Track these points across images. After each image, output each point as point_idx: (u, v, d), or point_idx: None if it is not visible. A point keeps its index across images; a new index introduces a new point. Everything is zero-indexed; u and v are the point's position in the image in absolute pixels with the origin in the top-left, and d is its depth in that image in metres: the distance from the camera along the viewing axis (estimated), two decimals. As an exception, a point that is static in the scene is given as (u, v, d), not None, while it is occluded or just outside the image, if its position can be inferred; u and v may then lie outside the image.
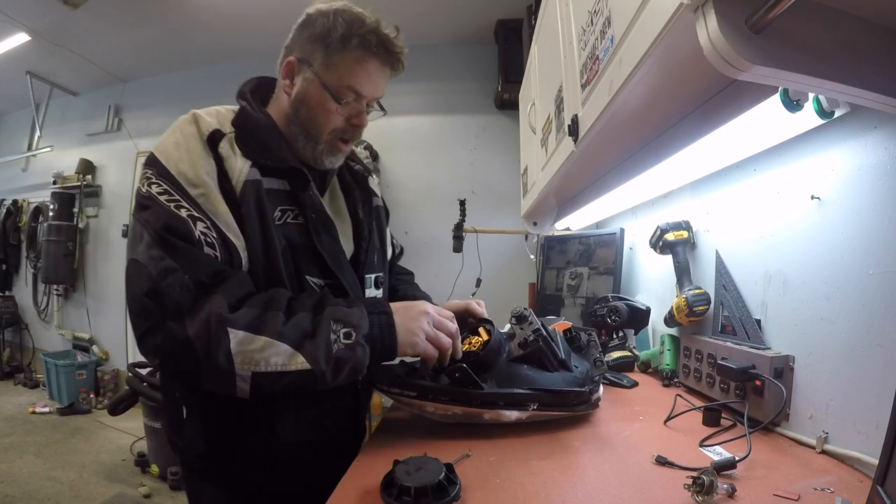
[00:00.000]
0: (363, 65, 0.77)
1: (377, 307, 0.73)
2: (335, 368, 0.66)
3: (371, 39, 0.75)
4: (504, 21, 2.98)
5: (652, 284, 1.48)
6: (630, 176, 1.03)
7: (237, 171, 0.72)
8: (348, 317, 0.68)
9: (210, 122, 0.74)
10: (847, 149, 0.70)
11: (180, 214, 0.66)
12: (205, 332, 0.62)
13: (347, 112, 0.79)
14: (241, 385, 0.63)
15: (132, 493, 2.32)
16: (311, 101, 0.77)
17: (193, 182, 0.69)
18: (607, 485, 0.60)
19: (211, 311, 0.62)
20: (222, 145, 0.72)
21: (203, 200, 0.68)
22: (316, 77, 0.76)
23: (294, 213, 0.77)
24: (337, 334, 0.66)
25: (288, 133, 0.80)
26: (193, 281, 0.64)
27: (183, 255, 0.64)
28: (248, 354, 0.62)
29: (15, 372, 4.31)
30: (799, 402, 0.77)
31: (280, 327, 0.64)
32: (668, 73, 0.62)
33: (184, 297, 0.63)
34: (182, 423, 0.78)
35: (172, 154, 0.70)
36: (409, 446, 0.70)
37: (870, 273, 0.65)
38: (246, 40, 3.36)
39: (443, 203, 2.99)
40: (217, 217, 0.69)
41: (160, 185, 0.68)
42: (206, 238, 0.67)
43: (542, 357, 0.83)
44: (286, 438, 0.77)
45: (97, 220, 4.18)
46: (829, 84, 0.46)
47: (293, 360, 0.64)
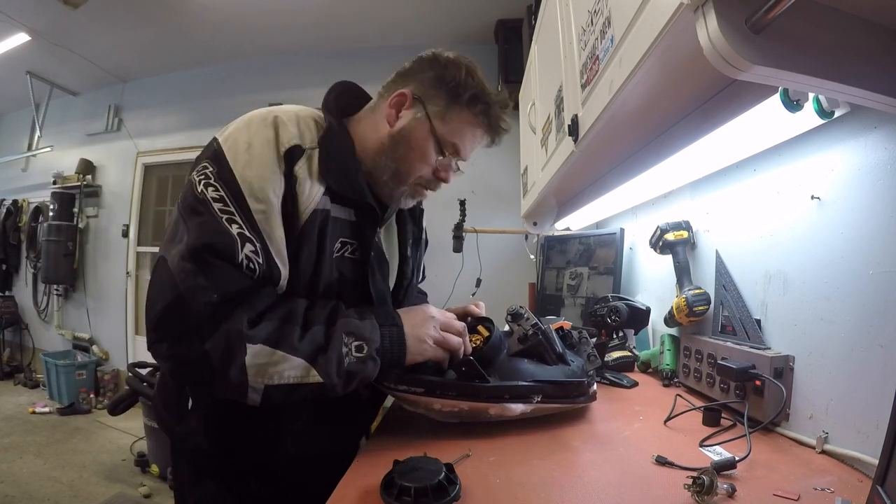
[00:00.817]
0: (475, 130, 0.78)
1: (388, 319, 0.72)
2: (346, 381, 0.66)
3: (494, 111, 0.77)
4: (504, 21, 2.98)
5: (652, 284, 1.48)
6: (630, 176, 1.03)
7: (309, 196, 0.68)
8: (360, 330, 0.68)
9: (291, 134, 0.69)
10: (847, 149, 0.70)
11: (230, 231, 0.62)
12: (221, 346, 0.61)
13: (440, 165, 0.78)
14: (253, 396, 0.63)
15: (132, 493, 2.32)
16: (414, 143, 0.75)
17: (257, 196, 0.64)
18: (607, 485, 0.60)
19: (230, 327, 0.61)
20: (300, 165, 0.68)
21: (262, 218, 0.64)
22: (428, 121, 0.75)
23: (353, 247, 0.75)
24: (349, 347, 0.66)
25: (375, 162, 0.77)
26: (221, 297, 0.62)
27: (218, 276, 0.62)
28: (263, 368, 0.62)
29: (15, 372, 4.31)
30: (799, 402, 0.77)
31: (296, 342, 0.64)
32: (668, 73, 0.62)
33: (206, 310, 0.61)
34: (185, 413, 0.77)
35: (241, 155, 0.65)
36: (409, 446, 0.70)
37: (870, 273, 0.65)
38: (246, 40, 3.37)
39: (443, 203, 2.98)
40: (271, 241, 0.65)
41: (218, 190, 0.63)
42: (251, 263, 0.64)
43: (541, 350, 0.84)
44: (290, 451, 0.77)
45: (97, 220, 4.19)
46: (829, 84, 0.46)
47: (307, 374, 0.64)
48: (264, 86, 3.48)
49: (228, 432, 0.75)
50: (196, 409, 0.76)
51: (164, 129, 3.94)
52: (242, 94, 3.50)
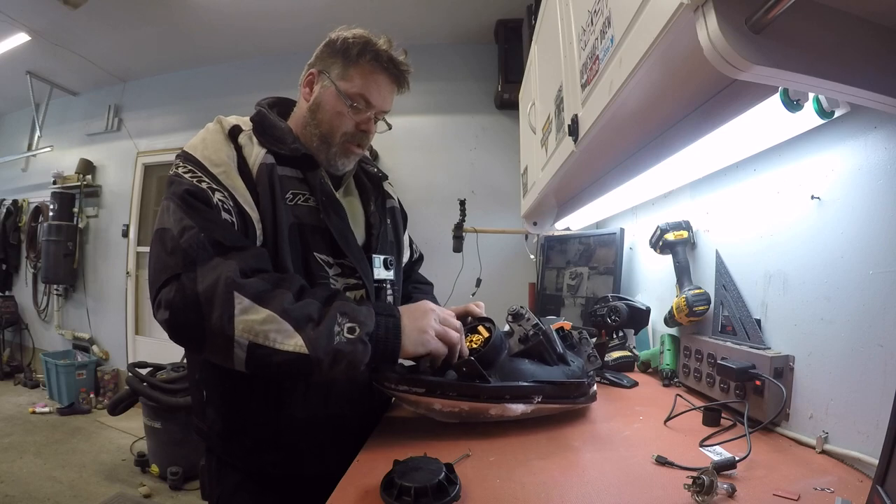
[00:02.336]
0: (374, 77, 0.87)
1: (386, 310, 0.75)
2: (333, 359, 0.67)
3: (382, 56, 0.86)
4: (504, 21, 2.98)
5: (652, 284, 1.48)
6: (630, 176, 1.03)
7: (254, 156, 0.81)
8: (355, 312, 0.70)
9: (230, 121, 0.84)
10: (847, 149, 0.70)
11: (200, 185, 0.73)
12: (212, 291, 0.64)
13: (357, 118, 0.87)
14: (238, 353, 0.65)
15: (132, 493, 2.32)
16: (327, 105, 0.87)
17: (215, 162, 0.77)
18: (607, 484, 0.60)
19: (221, 272, 0.66)
20: (241, 137, 0.82)
21: (223, 177, 0.76)
22: (332, 84, 0.86)
23: (305, 196, 0.84)
24: (341, 327, 0.68)
25: (305, 136, 0.89)
26: (210, 240, 0.68)
27: (201, 215, 0.70)
28: (249, 323, 0.64)
29: (15, 372, 4.31)
30: (799, 402, 0.77)
31: (286, 305, 0.66)
32: (668, 73, 0.62)
33: (199, 253, 0.67)
34: (204, 406, 0.85)
35: (198, 146, 0.80)
36: (409, 446, 0.70)
37: (870, 273, 0.65)
38: (246, 40, 3.37)
39: (443, 203, 2.99)
40: (235, 190, 0.76)
41: (185, 167, 0.77)
42: (224, 205, 0.73)
43: (542, 350, 0.84)
44: (297, 414, 0.81)
45: (97, 220, 4.19)
46: (829, 84, 0.46)
47: (291, 340, 0.65)
48: (264, 86, 3.42)
49: (238, 408, 0.82)
50: (210, 397, 0.84)
51: (164, 129, 3.93)
52: (242, 94, 3.46)
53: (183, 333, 0.69)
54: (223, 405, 0.83)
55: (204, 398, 0.85)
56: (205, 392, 0.85)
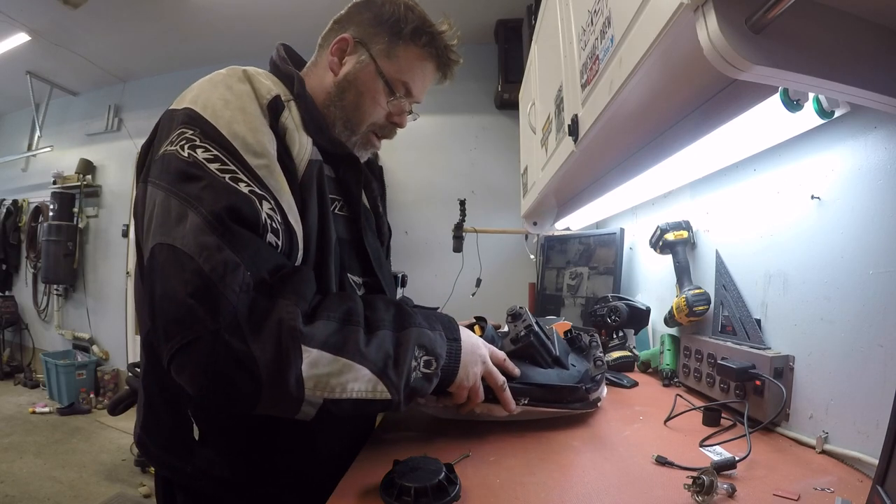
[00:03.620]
0: (423, 64, 0.73)
1: (451, 332, 0.66)
2: (408, 398, 0.59)
3: (440, 41, 0.73)
4: (504, 21, 2.98)
5: (652, 284, 1.48)
6: (630, 176, 1.03)
7: (301, 147, 0.62)
8: (433, 343, 0.61)
9: (268, 86, 0.62)
10: (847, 149, 0.70)
11: (241, 190, 0.52)
12: (273, 349, 0.49)
13: (393, 108, 0.74)
14: (308, 410, 0.53)
15: (132, 493, 2.32)
16: (362, 87, 0.71)
17: (255, 150, 0.55)
18: (607, 485, 0.60)
19: (282, 321, 0.50)
20: (285, 115, 0.61)
21: (265, 174, 0.55)
22: (373, 62, 0.70)
23: (340, 203, 0.71)
24: (418, 361, 0.59)
25: (325, 115, 0.72)
26: (256, 279, 0.51)
27: (247, 247, 0.51)
28: (323, 379, 0.52)
29: (15, 372, 4.31)
30: (799, 402, 0.77)
31: (363, 347, 0.55)
32: (668, 73, 0.62)
33: (242, 300, 0.49)
34: (192, 445, 0.65)
35: (222, 112, 0.56)
36: (409, 446, 0.70)
37: (870, 273, 0.65)
38: (246, 41, 3.36)
39: (443, 203, 2.99)
40: (280, 196, 0.56)
41: (208, 150, 0.53)
42: (272, 223, 0.54)
43: (533, 353, 0.83)
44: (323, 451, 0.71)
45: (97, 220, 4.19)
46: (829, 84, 0.46)
47: (374, 388, 0.55)
48: (264, 86, 3.47)
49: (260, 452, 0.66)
50: (208, 438, 0.65)
51: (164, 129, 3.93)
52: (242, 94, 3.48)
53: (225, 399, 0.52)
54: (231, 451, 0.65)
55: (196, 437, 0.65)
56: (197, 430, 0.65)
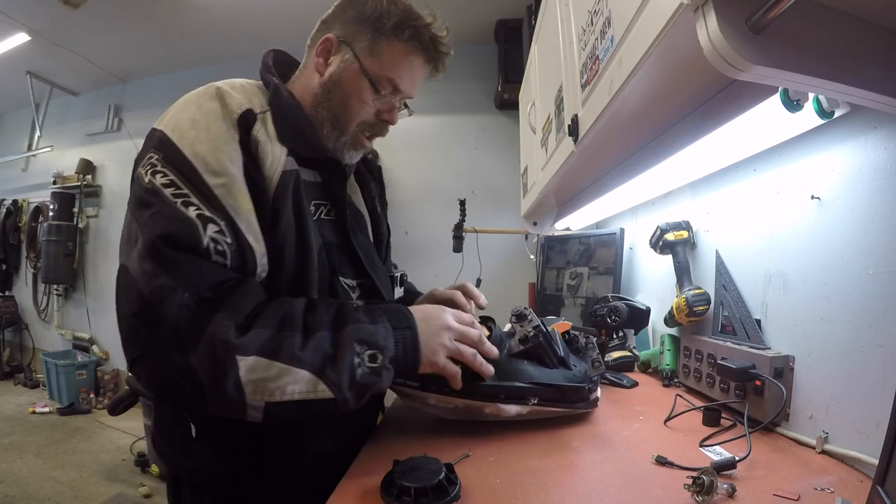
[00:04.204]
0: (410, 59, 0.72)
1: (402, 321, 0.65)
2: (358, 395, 0.59)
3: (425, 34, 0.71)
4: (504, 21, 2.98)
5: (652, 284, 1.48)
6: (630, 176, 1.03)
7: (273, 158, 0.63)
8: (373, 337, 0.61)
9: (239, 100, 0.63)
10: (847, 149, 0.70)
11: (187, 215, 0.55)
12: (209, 361, 0.53)
13: (381, 105, 0.73)
14: (253, 414, 0.55)
15: (132, 493, 2.32)
16: (347, 86, 0.71)
17: (214, 169, 0.58)
18: (607, 485, 0.60)
19: (215, 335, 0.53)
20: (257, 128, 0.63)
21: (223, 192, 0.58)
22: (357, 61, 0.70)
23: (328, 208, 0.71)
24: (361, 357, 0.59)
25: (313, 117, 0.72)
26: (195, 298, 0.54)
27: (183, 270, 0.54)
28: (261, 384, 0.54)
29: (15, 372, 4.31)
30: (799, 402, 0.77)
31: (297, 351, 0.56)
32: (668, 73, 0.62)
33: (182, 317, 0.53)
34: (190, 443, 0.68)
35: (187, 133, 0.59)
36: (409, 446, 0.70)
37: (870, 273, 0.65)
38: (246, 41, 3.36)
39: (443, 203, 2.99)
40: (238, 214, 0.58)
41: (166, 176, 0.57)
42: (218, 246, 0.57)
43: (541, 353, 0.83)
44: (312, 451, 0.72)
45: (97, 220, 4.19)
46: (829, 84, 0.46)
47: (314, 388, 0.56)
48: (264, 86, 3.48)
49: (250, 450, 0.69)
50: (203, 437, 0.68)
51: (164, 129, 3.93)
52: (242, 94, 3.49)
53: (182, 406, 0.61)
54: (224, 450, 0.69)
55: (192, 435, 0.68)
56: (193, 428, 0.68)
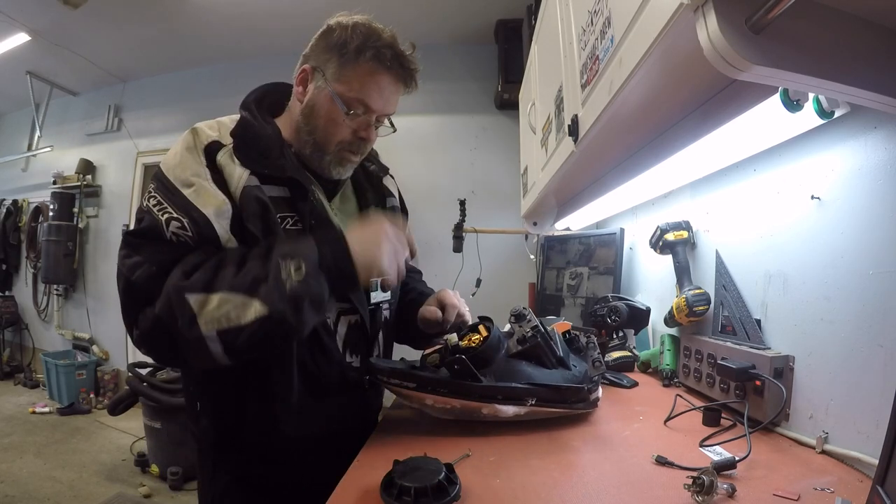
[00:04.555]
0: (375, 78, 0.77)
1: (329, 235, 0.73)
2: (294, 306, 0.65)
3: (385, 53, 0.76)
4: (504, 21, 2.98)
5: (652, 284, 1.48)
6: (630, 176, 1.03)
7: (236, 178, 0.73)
8: (295, 250, 0.67)
9: (209, 135, 0.76)
10: (847, 149, 0.70)
11: (158, 217, 0.69)
12: (167, 305, 0.64)
13: (355, 124, 0.79)
14: (214, 347, 0.64)
15: (132, 493, 2.32)
16: (321, 111, 0.78)
17: (186, 181, 0.71)
18: (607, 485, 0.60)
19: (168, 284, 0.65)
20: (220, 155, 0.74)
21: (193, 196, 0.70)
22: (327, 86, 0.77)
23: (294, 219, 0.77)
24: (287, 270, 0.65)
25: (298, 140, 0.81)
26: (159, 268, 0.67)
27: (147, 250, 0.68)
28: (209, 314, 0.63)
29: (15, 372, 4.31)
30: (799, 402, 0.77)
31: (231, 279, 0.65)
32: (668, 73, 0.62)
33: (151, 284, 0.66)
34: (198, 416, 0.83)
35: (171, 162, 0.74)
36: (409, 446, 0.70)
37: (870, 273, 0.65)
38: (246, 40, 3.37)
39: (443, 203, 2.99)
40: (206, 208, 0.70)
41: (155, 198, 0.71)
42: (179, 237, 0.69)
43: (539, 353, 0.83)
44: (289, 433, 0.79)
45: (97, 220, 4.19)
46: (829, 84, 0.46)
47: (250, 308, 0.64)
48: (264, 86, 3.48)
49: (231, 423, 0.80)
50: (204, 408, 0.82)
51: (164, 129, 3.93)
52: (242, 94, 3.43)
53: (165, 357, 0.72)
54: (217, 419, 0.81)
55: (198, 408, 0.83)
56: (199, 403, 0.83)
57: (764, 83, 0.46)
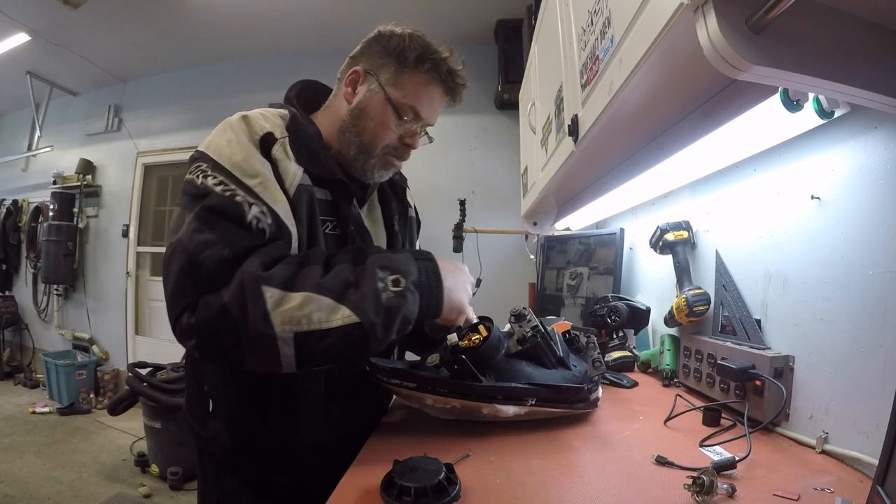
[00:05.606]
0: (429, 88, 0.79)
1: (422, 254, 0.70)
2: (386, 319, 0.61)
3: (442, 66, 0.78)
4: (504, 21, 2.98)
5: (652, 284, 1.48)
6: (630, 176, 1.03)
7: (291, 174, 0.71)
8: (395, 262, 0.64)
9: (262, 125, 0.72)
10: (847, 149, 0.70)
11: (235, 200, 0.64)
12: (239, 295, 0.58)
13: (403, 131, 0.80)
14: (285, 350, 0.59)
15: (132, 493, 2.32)
16: (372, 113, 0.78)
17: (249, 173, 0.67)
18: (607, 485, 0.60)
19: (244, 272, 0.59)
20: (276, 149, 0.71)
21: (261, 189, 0.66)
22: (382, 90, 0.77)
23: (333, 223, 0.77)
24: (384, 281, 0.62)
25: (342, 141, 0.80)
26: (233, 254, 0.61)
27: (225, 231, 0.62)
28: (287, 313, 0.58)
29: (15, 372, 4.31)
30: (799, 402, 0.77)
31: (318, 280, 0.61)
32: (668, 73, 0.62)
33: (220, 269, 0.60)
34: (207, 416, 0.79)
35: (225, 150, 0.69)
36: (409, 446, 0.70)
37: (870, 273, 0.65)
38: (246, 40, 3.36)
39: (443, 203, 2.99)
40: (276, 204, 0.67)
41: (216, 178, 0.66)
42: (259, 224, 0.64)
43: (539, 353, 0.83)
44: (307, 440, 0.78)
45: (97, 220, 4.19)
46: (829, 84, 0.46)
47: (337, 313, 0.59)
48: (264, 86, 3.47)
49: (248, 428, 0.77)
50: (217, 411, 0.78)
51: (164, 129, 3.93)
52: (242, 94, 3.49)
53: (219, 353, 0.62)
54: (233, 423, 0.77)
55: (210, 410, 0.79)
56: (211, 404, 0.78)
57: (764, 83, 0.46)
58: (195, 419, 0.82)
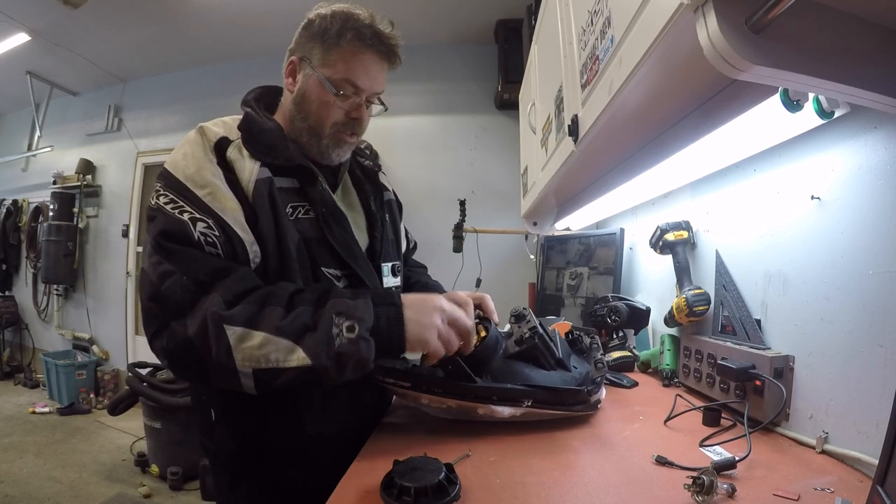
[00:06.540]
0: (359, 57, 0.80)
1: (386, 299, 0.71)
2: (338, 364, 0.64)
3: (365, 32, 0.78)
4: (504, 21, 2.98)
5: (652, 284, 1.48)
6: (630, 176, 1.03)
7: (248, 171, 0.74)
8: (351, 309, 0.66)
9: (216, 132, 0.77)
10: (847, 149, 0.70)
11: (181, 218, 0.68)
12: (202, 332, 0.63)
13: (347, 105, 0.81)
14: (246, 381, 0.64)
15: (132, 493, 2.32)
16: (312, 96, 0.81)
17: (200, 183, 0.71)
18: (607, 485, 0.60)
19: (207, 309, 0.63)
20: (230, 150, 0.75)
21: (210, 199, 0.70)
22: (315, 72, 0.79)
23: (305, 208, 0.79)
24: (339, 327, 0.64)
25: (293, 130, 0.83)
26: (193, 281, 0.65)
27: (179, 258, 0.67)
28: (248, 351, 0.62)
29: (15, 372, 4.31)
30: (799, 402, 0.77)
31: (278, 322, 0.64)
32: (668, 73, 0.62)
33: (184, 297, 0.65)
34: (211, 426, 0.82)
35: (180, 163, 0.73)
36: (409, 446, 0.70)
37: (870, 273, 0.65)
38: (246, 40, 3.37)
39: (443, 203, 2.99)
40: (224, 213, 0.70)
41: (167, 196, 0.71)
42: (207, 238, 0.68)
43: (538, 355, 0.83)
44: (313, 431, 0.79)
45: (97, 220, 4.19)
46: (829, 84, 0.46)
47: (293, 355, 0.63)
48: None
49: (251, 429, 0.79)
50: (219, 419, 0.81)
51: (164, 129, 3.93)
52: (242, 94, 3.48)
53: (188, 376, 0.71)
54: (234, 426, 0.80)
55: (212, 418, 0.81)
56: (212, 412, 0.82)
57: (764, 83, 0.46)
58: (202, 433, 0.85)
